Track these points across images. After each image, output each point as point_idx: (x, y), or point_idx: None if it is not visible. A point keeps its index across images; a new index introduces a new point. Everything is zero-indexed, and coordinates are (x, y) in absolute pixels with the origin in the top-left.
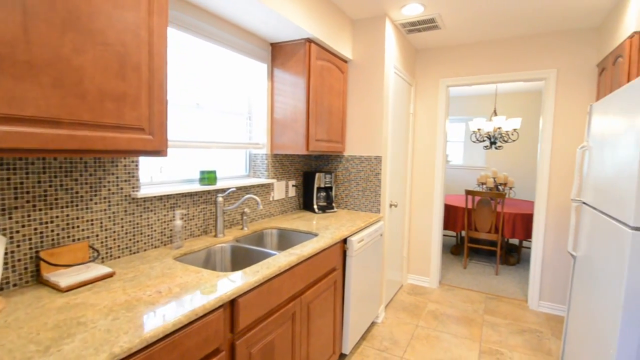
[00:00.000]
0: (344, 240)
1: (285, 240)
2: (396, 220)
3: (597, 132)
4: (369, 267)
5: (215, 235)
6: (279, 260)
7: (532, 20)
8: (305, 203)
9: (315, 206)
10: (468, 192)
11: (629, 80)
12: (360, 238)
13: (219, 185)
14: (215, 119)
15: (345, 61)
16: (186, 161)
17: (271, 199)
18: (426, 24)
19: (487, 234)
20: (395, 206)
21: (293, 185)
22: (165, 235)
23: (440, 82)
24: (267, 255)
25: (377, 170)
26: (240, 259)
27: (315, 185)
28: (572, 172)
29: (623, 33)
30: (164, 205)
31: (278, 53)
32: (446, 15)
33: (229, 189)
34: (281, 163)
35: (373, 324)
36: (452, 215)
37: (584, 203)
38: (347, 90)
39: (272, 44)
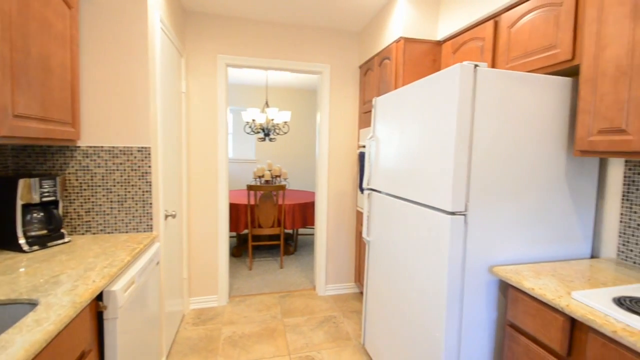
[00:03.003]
0: (99, 296)
1: None
2: (173, 234)
3: (385, 125)
4: (142, 320)
5: None
6: None
7: (310, 11)
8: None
9: (22, 240)
10: (250, 188)
11: (396, 78)
12: (129, 281)
13: None
14: None
15: None
16: None
17: None
18: None
19: (270, 228)
20: (173, 216)
21: None
22: None
23: (218, 59)
24: None
25: (145, 169)
26: None
27: (20, 202)
28: (348, 162)
29: (388, 37)
30: None
31: None
32: None
33: None
34: None
35: None
36: (233, 215)
37: (375, 190)
38: (79, 37)
39: None
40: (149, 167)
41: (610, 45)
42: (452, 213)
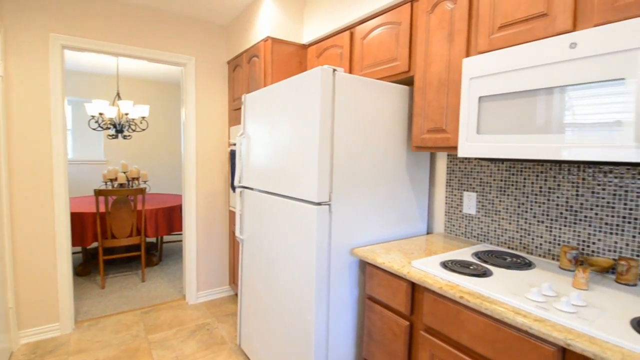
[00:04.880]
0: None
1: None
2: None
3: (255, 122)
4: None
5: None
6: None
7: None
8: None
9: None
10: (99, 192)
11: (265, 77)
12: None
13: None
14: None
15: None
16: None
17: None
18: None
19: (127, 238)
20: None
21: None
22: None
23: (51, 38)
24: None
25: None
26: None
27: None
28: (218, 161)
29: (256, 35)
30: None
31: None
32: None
33: None
34: None
35: None
36: (77, 226)
37: (247, 187)
38: None
39: None
40: None
41: (434, 62)
42: (319, 203)
